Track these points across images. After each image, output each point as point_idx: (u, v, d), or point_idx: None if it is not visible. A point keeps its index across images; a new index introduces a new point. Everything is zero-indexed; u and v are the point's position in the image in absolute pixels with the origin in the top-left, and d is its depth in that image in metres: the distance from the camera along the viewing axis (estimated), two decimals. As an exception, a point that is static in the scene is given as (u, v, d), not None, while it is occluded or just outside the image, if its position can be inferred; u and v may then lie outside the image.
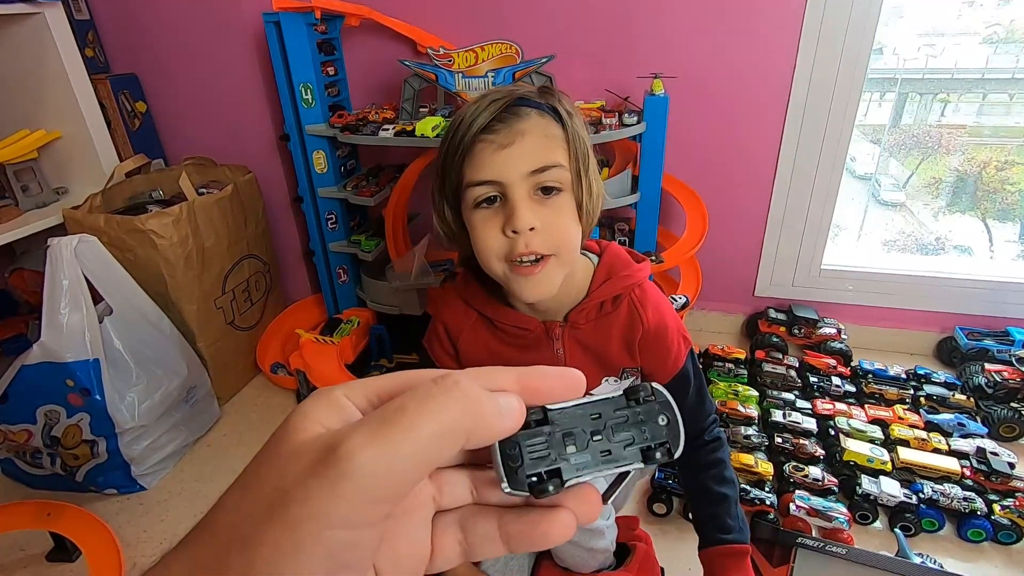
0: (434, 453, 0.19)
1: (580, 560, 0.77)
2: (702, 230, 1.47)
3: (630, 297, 0.79)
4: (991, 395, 1.39)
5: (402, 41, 1.55)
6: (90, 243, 1.24)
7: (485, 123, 0.66)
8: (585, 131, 0.72)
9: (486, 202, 0.68)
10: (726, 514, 0.83)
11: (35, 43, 1.40)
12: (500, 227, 0.68)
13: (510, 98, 0.67)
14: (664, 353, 0.81)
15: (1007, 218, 1.77)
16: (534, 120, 0.67)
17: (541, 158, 0.66)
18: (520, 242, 0.67)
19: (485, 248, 0.69)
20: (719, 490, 0.84)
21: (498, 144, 0.66)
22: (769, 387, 1.46)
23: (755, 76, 1.45)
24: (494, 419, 0.21)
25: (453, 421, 0.20)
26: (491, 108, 0.66)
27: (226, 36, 1.57)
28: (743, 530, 0.83)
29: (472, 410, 0.20)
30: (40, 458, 1.25)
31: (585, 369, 0.85)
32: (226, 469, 1.37)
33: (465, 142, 0.67)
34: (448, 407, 0.20)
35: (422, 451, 0.19)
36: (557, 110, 0.69)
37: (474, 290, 0.81)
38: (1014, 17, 1.57)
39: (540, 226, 0.67)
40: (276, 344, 1.73)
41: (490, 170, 0.66)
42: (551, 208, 0.68)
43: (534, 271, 0.68)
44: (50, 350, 1.16)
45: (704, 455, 0.86)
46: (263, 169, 1.69)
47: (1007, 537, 1.09)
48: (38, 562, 1.14)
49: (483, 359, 0.84)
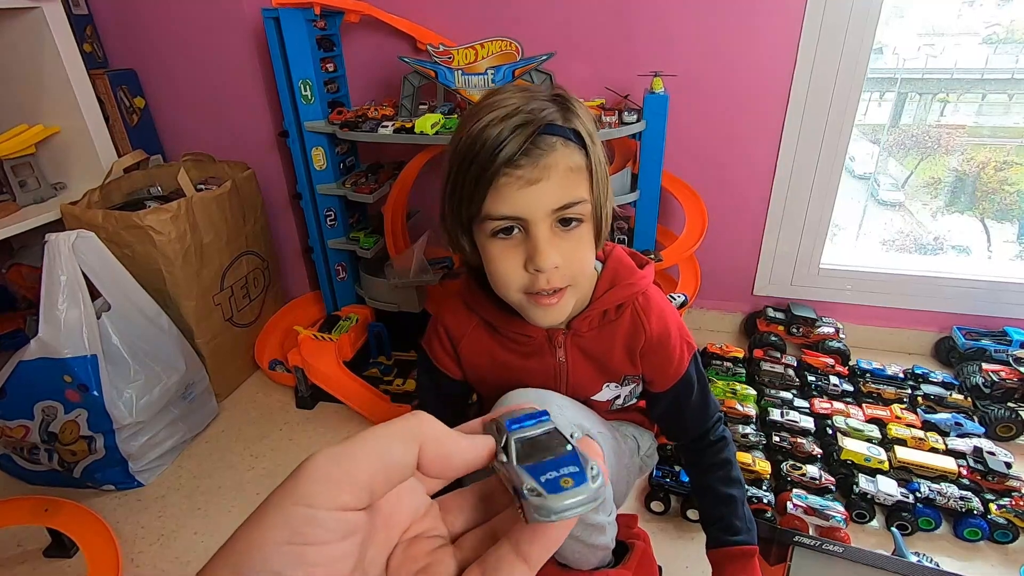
0: (383, 449, 0.23)
1: (580, 556, 0.76)
2: (701, 228, 1.47)
3: (634, 305, 0.79)
4: (988, 395, 1.40)
5: (402, 38, 1.54)
6: (88, 239, 1.24)
7: (511, 155, 0.62)
8: (602, 147, 0.70)
9: (503, 232, 0.67)
10: (733, 515, 0.82)
11: (33, 38, 1.39)
12: (521, 261, 0.67)
13: (537, 126, 0.63)
14: (666, 361, 0.81)
15: (1005, 218, 1.77)
16: (559, 152, 0.64)
17: (566, 195, 0.65)
18: (542, 279, 0.66)
19: (504, 281, 0.69)
20: (725, 491, 0.83)
21: (525, 180, 0.63)
22: (767, 386, 1.46)
23: (755, 75, 1.45)
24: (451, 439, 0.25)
25: (401, 426, 0.24)
26: (517, 138, 0.62)
27: (225, 32, 1.57)
28: (750, 530, 0.82)
29: (422, 423, 0.24)
30: (37, 454, 1.25)
31: (587, 376, 0.81)
32: (224, 465, 1.37)
33: (488, 173, 0.63)
34: (399, 419, 0.25)
35: (371, 448, 0.23)
36: (580, 135, 0.66)
37: (477, 296, 0.80)
38: (1014, 17, 1.57)
39: (562, 261, 0.66)
40: (274, 341, 1.73)
41: (513, 206, 0.64)
42: (571, 241, 0.67)
43: (552, 302, 0.69)
44: (48, 346, 1.16)
45: (710, 455, 0.86)
46: (262, 165, 1.69)
47: (1003, 536, 1.09)
48: (35, 558, 1.14)
49: (484, 364, 0.83)
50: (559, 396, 0.78)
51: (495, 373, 0.83)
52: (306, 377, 1.49)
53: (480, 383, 0.88)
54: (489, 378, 0.85)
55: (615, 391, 0.85)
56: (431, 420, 0.25)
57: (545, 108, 0.65)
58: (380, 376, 1.56)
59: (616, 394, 0.85)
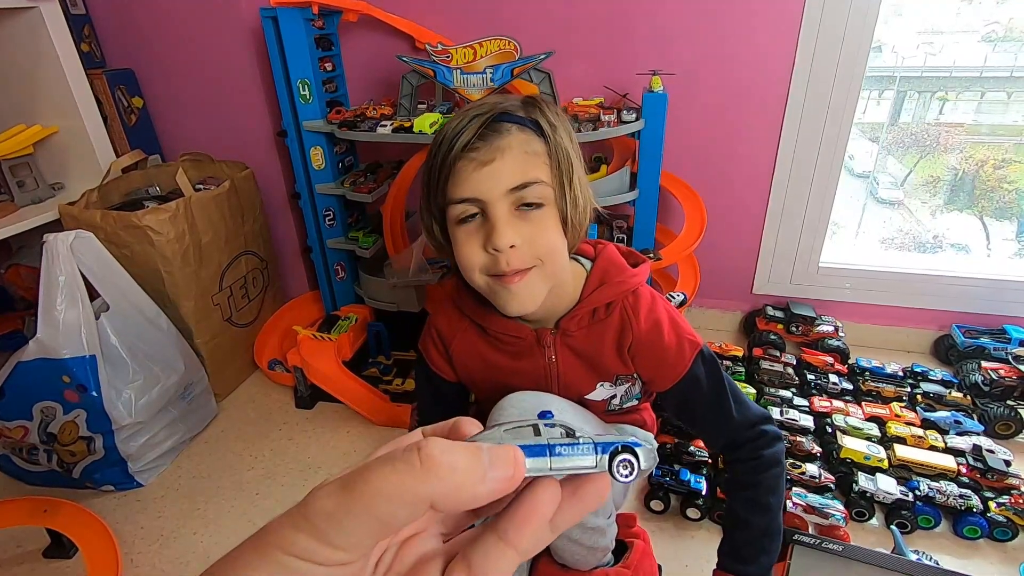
0: (385, 512, 0.20)
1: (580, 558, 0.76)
2: (700, 227, 1.47)
3: (623, 303, 0.78)
4: (987, 393, 1.40)
5: (400, 37, 1.54)
6: (86, 239, 1.24)
7: (467, 141, 0.65)
8: (571, 141, 0.71)
9: (468, 218, 0.69)
10: (744, 542, 0.77)
11: (31, 38, 1.39)
12: (482, 243, 0.68)
13: (492, 113, 0.67)
14: (660, 359, 0.78)
15: (1004, 216, 1.77)
16: (515, 136, 0.67)
17: (521, 175, 0.66)
18: (502, 260, 0.67)
19: (468, 264, 0.70)
20: (744, 515, 0.78)
21: (479, 162, 0.66)
22: (767, 384, 1.46)
23: (754, 73, 1.45)
24: (467, 483, 0.21)
25: (403, 485, 0.20)
26: (473, 124, 0.66)
27: (223, 31, 1.57)
28: (761, 563, 0.76)
29: (432, 475, 0.20)
30: (36, 454, 1.25)
31: (578, 376, 0.79)
32: (223, 466, 1.37)
33: (448, 160, 0.67)
34: (400, 472, 0.20)
35: (372, 509, 0.20)
36: (540, 124, 0.68)
37: (465, 297, 0.80)
38: (1013, 15, 1.57)
39: (521, 242, 0.67)
40: (274, 341, 1.73)
41: (471, 188, 0.66)
42: (533, 223, 0.68)
43: (515, 280, 0.69)
44: (46, 346, 1.16)
45: (741, 471, 0.80)
46: (260, 165, 1.69)
47: (1002, 534, 1.09)
48: (35, 558, 1.14)
49: (475, 366, 0.83)
50: (557, 399, 0.78)
51: (486, 375, 0.83)
52: (305, 377, 1.48)
53: (473, 385, 0.88)
54: (481, 380, 0.84)
55: (610, 391, 0.84)
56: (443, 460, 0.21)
57: (507, 102, 0.69)
58: (379, 376, 1.56)
59: (611, 394, 0.84)
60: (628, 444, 0.24)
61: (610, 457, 0.24)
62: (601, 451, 0.24)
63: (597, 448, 0.24)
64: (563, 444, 0.24)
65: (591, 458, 0.24)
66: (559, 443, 0.24)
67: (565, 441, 0.24)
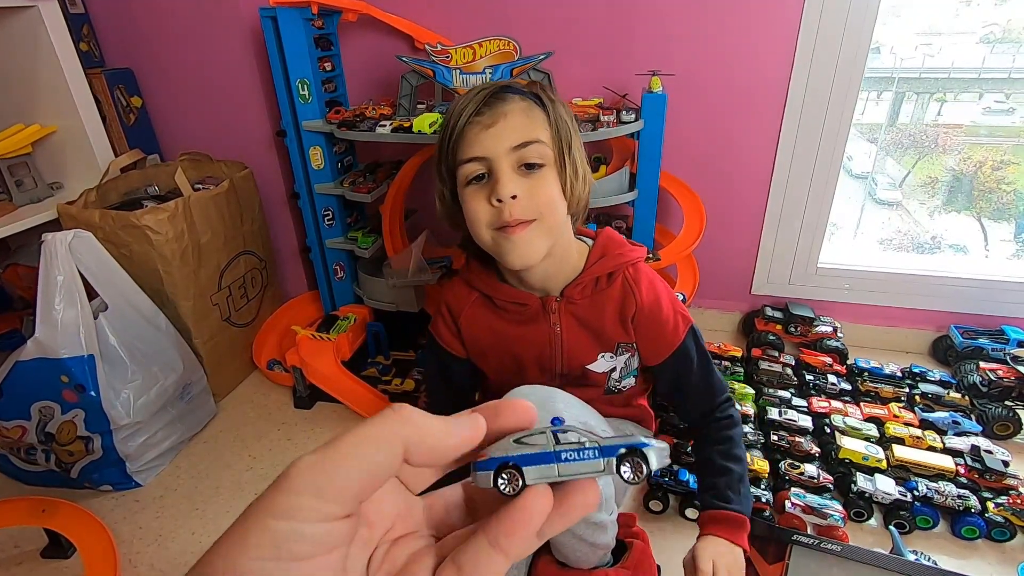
0: (366, 454, 0.22)
1: (581, 555, 0.76)
2: (699, 228, 1.47)
3: (624, 274, 0.84)
4: (985, 393, 1.40)
5: (400, 37, 1.54)
6: (85, 238, 1.23)
7: (475, 109, 0.74)
8: (570, 118, 0.79)
9: (476, 179, 0.76)
10: (726, 485, 0.83)
11: (30, 37, 1.38)
12: (487, 197, 0.75)
13: (497, 85, 0.77)
14: (658, 331, 0.85)
15: (1002, 217, 1.77)
16: (517, 103, 0.75)
17: (522, 134, 0.74)
18: (505, 210, 0.74)
19: (475, 219, 0.77)
20: (723, 463, 0.85)
21: (484, 124, 0.74)
22: (765, 385, 1.46)
23: (753, 74, 1.45)
24: (436, 432, 0.24)
25: (381, 427, 0.23)
26: (479, 96, 0.75)
27: (222, 31, 1.56)
28: (742, 503, 0.82)
29: (405, 421, 0.23)
30: (34, 454, 1.24)
31: (581, 344, 0.87)
32: (222, 466, 1.37)
33: (458, 127, 0.75)
34: (381, 419, 0.23)
35: (354, 453, 0.22)
36: (540, 97, 0.77)
37: (474, 269, 0.87)
38: (1011, 17, 1.58)
39: (522, 194, 0.74)
40: (272, 341, 1.72)
41: (477, 147, 0.74)
42: (533, 179, 0.75)
43: (517, 231, 0.75)
44: (45, 346, 1.16)
45: (714, 431, 0.88)
46: (260, 165, 1.68)
47: (1000, 535, 1.10)
48: (33, 559, 1.14)
49: (484, 336, 0.89)
50: (564, 394, 0.79)
51: (495, 344, 0.89)
52: (304, 377, 1.48)
53: (481, 357, 0.92)
54: (489, 351, 0.90)
55: (610, 362, 0.88)
56: (413, 413, 0.24)
57: (510, 81, 0.79)
58: (378, 376, 1.56)
59: (612, 366, 0.88)
60: (635, 445, 0.24)
61: (617, 460, 0.24)
62: (608, 454, 0.24)
63: (603, 451, 0.24)
64: (569, 451, 0.24)
65: (599, 462, 0.24)
66: (565, 449, 0.24)
67: (571, 447, 0.24)
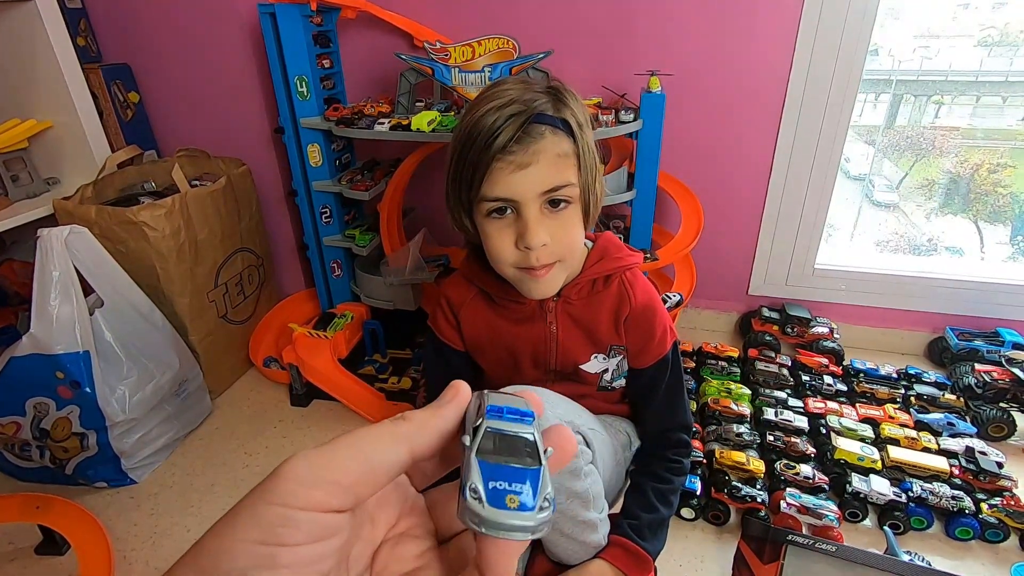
0: (364, 448, 0.23)
1: (572, 553, 0.77)
2: (697, 228, 1.47)
3: (621, 278, 0.85)
4: (980, 395, 1.41)
5: (399, 35, 1.54)
6: (81, 234, 1.23)
7: (504, 143, 0.69)
8: (592, 136, 0.77)
9: (497, 212, 0.74)
10: (648, 524, 0.82)
11: (26, 31, 1.38)
12: (513, 239, 0.74)
13: (528, 115, 0.69)
14: (649, 334, 0.85)
15: (998, 220, 1.78)
16: (548, 140, 0.71)
17: (553, 179, 0.71)
18: (532, 256, 0.73)
19: (499, 257, 0.76)
20: (655, 502, 0.84)
21: (516, 164, 0.70)
22: (761, 385, 1.46)
23: (752, 75, 1.45)
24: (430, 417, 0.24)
25: (383, 427, 0.23)
26: (509, 126, 0.69)
27: (221, 27, 1.56)
28: (655, 545, 0.81)
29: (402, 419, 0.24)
30: (29, 450, 1.24)
31: (576, 343, 0.88)
32: (217, 463, 1.36)
33: (484, 160, 0.70)
34: (386, 423, 0.24)
35: (352, 445, 0.22)
36: (570, 124, 0.73)
37: (476, 269, 0.86)
38: (1008, 20, 1.58)
39: (550, 240, 0.73)
40: (269, 338, 1.72)
41: (505, 188, 0.71)
42: (559, 220, 0.74)
43: (543, 274, 0.76)
44: (40, 342, 1.15)
45: (660, 468, 0.88)
46: (257, 162, 1.68)
47: (994, 536, 1.10)
48: (27, 555, 1.14)
49: (482, 331, 0.89)
50: (552, 393, 0.80)
51: (492, 340, 0.89)
52: (301, 374, 1.48)
53: (478, 351, 0.92)
54: (486, 345, 0.90)
55: (603, 363, 0.88)
56: (408, 412, 0.24)
57: (538, 99, 0.71)
58: (375, 374, 1.56)
59: (604, 367, 0.89)
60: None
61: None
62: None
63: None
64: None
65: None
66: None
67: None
